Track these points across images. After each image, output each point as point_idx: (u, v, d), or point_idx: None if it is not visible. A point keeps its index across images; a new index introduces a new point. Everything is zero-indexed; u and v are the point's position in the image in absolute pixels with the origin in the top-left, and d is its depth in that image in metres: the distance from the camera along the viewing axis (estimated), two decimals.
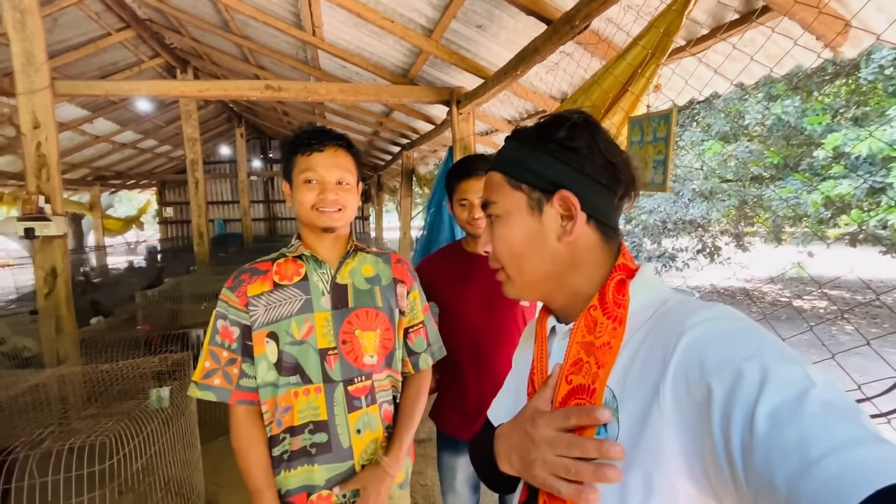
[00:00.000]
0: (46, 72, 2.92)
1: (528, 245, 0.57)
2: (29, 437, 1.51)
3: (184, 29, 5.17)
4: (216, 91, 3.47)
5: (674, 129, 1.42)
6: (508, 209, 0.58)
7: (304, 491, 1.01)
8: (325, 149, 1.01)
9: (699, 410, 0.41)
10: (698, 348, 0.43)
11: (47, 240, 2.90)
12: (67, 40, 4.54)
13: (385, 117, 5.44)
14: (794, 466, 0.33)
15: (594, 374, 0.51)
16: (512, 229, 0.58)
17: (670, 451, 0.43)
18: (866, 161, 5.39)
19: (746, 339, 0.42)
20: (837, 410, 0.35)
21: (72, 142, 6.80)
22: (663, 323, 0.49)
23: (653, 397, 0.45)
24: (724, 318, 0.45)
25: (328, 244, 1.07)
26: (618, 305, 0.52)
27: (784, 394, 0.36)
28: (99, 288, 6.25)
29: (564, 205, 0.55)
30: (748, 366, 0.39)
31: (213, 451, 2.71)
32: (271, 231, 12.38)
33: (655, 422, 0.44)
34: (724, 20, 1.73)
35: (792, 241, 7.55)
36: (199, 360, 1.03)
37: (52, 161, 2.92)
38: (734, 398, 0.38)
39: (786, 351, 0.40)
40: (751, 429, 0.36)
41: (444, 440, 1.46)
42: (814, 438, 0.33)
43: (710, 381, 0.40)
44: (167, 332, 3.23)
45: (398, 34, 2.92)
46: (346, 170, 1.03)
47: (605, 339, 0.51)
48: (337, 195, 1.01)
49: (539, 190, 0.56)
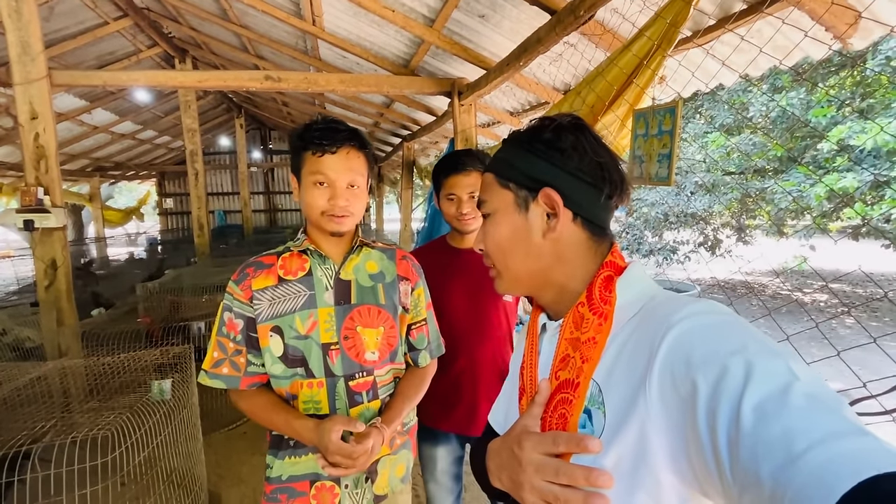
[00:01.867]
0: (43, 61, 2.88)
1: (513, 241, 0.59)
2: (31, 431, 1.52)
3: (182, 18, 5.11)
4: (215, 81, 3.43)
5: (679, 122, 1.40)
6: (497, 207, 0.61)
7: (308, 479, 1.03)
8: (338, 150, 0.97)
9: (684, 405, 0.41)
10: (684, 343, 0.43)
11: (47, 231, 2.89)
12: (64, 29, 4.48)
13: (386, 108, 5.39)
14: (779, 459, 0.33)
15: (579, 369, 0.52)
16: (500, 226, 0.60)
17: (655, 444, 0.44)
18: (871, 154, 5.35)
19: (731, 334, 0.43)
20: (821, 403, 0.35)
21: (71, 132, 6.75)
22: (650, 318, 0.49)
23: (638, 391, 0.45)
24: (709, 313, 0.46)
25: (333, 240, 1.07)
26: (604, 302, 0.53)
27: (768, 387, 0.37)
28: (100, 279, 6.25)
29: (549, 202, 0.57)
30: (733, 361, 0.39)
31: (215, 442, 2.73)
32: (272, 222, 12.37)
33: (641, 415, 0.45)
34: (731, 10, 1.69)
35: (794, 234, 7.53)
36: (208, 348, 1.05)
37: (51, 152, 2.90)
38: (719, 393, 0.38)
39: (770, 345, 0.41)
40: (737, 423, 0.36)
41: (423, 431, 1.48)
42: (798, 431, 0.33)
43: (695, 377, 0.40)
44: (168, 325, 3.23)
45: (399, 24, 2.88)
46: (357, 172, 1.01)
47: (591, 334, 0.52)
48: (347, 200, 0.99)
49: (525, 188, 0.58)
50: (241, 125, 9.53)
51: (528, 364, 0.62)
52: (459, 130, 3.19)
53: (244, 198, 9.69)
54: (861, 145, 4.96)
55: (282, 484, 1.03)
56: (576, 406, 0.51)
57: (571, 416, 0.51)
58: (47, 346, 2.91)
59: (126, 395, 2.21)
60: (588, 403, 0.50)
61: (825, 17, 1.41)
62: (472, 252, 1.43)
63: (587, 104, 1.80)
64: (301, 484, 1.02)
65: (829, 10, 1.31)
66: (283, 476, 1.03)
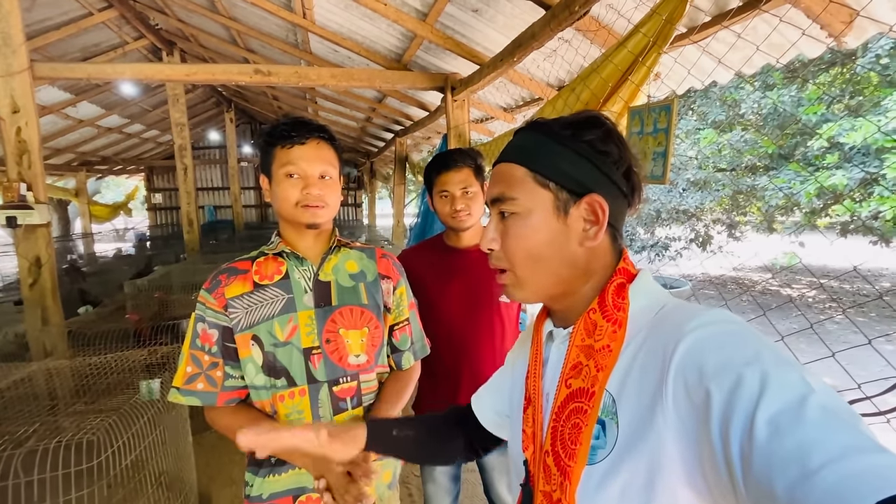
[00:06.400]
0: (25, 53, 2.80)
1: (549, 247, 0.55)
2: (13, 436, 1.48)
3: (169, 9, 5.00)
4: (203, 75, 3.36)
5: (675, 119, 1.39)
6: (531, 207, 0.55)
7: (291, 494, 0.98)
8: (307, 141, 0.96)
9: (698, 415, 0.40)
10: (697, 352, 0.43)
11: (30, 228, 2.82)
12: (47, 20, 4.36)
13: (378, 103, 5.34)
14: (794, 475, 0.32)
15: (594, 378, 0.50)
16: (534, 230, 0.55)
17: (671, 457, 0.43)
18: (860, 152, 5.41)
19: (745, 343, 0.42)
20: (837, 417, 0.35)
21: (55, 126, 6.60)
22: (662, 327, 0.48)
23: (654, 402, 0.44)
24: (722, 322, 0.45)
25: (310, 240, 1.02)
26: (617, 308, 0.52)
27: (784, 399, 0.36)
28: (87, 276, 6.14)
29: (591, 209, 0.54)
30: (747, 371, 0.38)
31: (205, 443, 2.70)
32: (262, 218, 12.24)
33: (658, 427, 0.43)
34: (727, 7, 1.68)
35: (783, 230, 7.61)
36: (179, 363, 0.99)
37: (34, 147, 2.82)
38: (733, 404, 0.37)
39: (784, 356, 0.40)
40: (750, 435, 0.35)
41: None
42: (814, 446, 0.33)
43: (708, 386, 0.40)
44: (157, 323, 3.17)
45: (391, 17, 2.84)
46: (328, 163, 0.98)
47: (605, 342, 0.51)
48: (321, 190, 0.96)
49: (567, 191, 0.54)
50: (231, 119, 9.38)
51: (533, 373, 0.60)
52: (452, 126, 3.16)
53: (234, 193, 9.57)
54: (851, 143, 5.01)
55: (262, 502, 0.98)
56: (590, 416, 0.49)
57: (586, 427, 0.49)
58: (32, 345, 2.85)
59: (114, 397, 2.16)
60: (601, 414, 0.49)
61: (821, 15, 1.40)
62: (470, 252, 1.41)
63: (581, 101, 1.78)
64: (284, 500, 0.98)
65: (826, 8, 1.31)
66: (264, 494, 0.98)
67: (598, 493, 0.47)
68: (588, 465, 0.48)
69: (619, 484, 0.45)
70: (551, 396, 0.55)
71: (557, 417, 0.53)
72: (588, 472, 0.48)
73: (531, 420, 0.58)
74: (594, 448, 0.48)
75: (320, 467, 0.82)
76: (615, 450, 0.47)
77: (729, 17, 1.54)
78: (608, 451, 0.47)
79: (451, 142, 3.15)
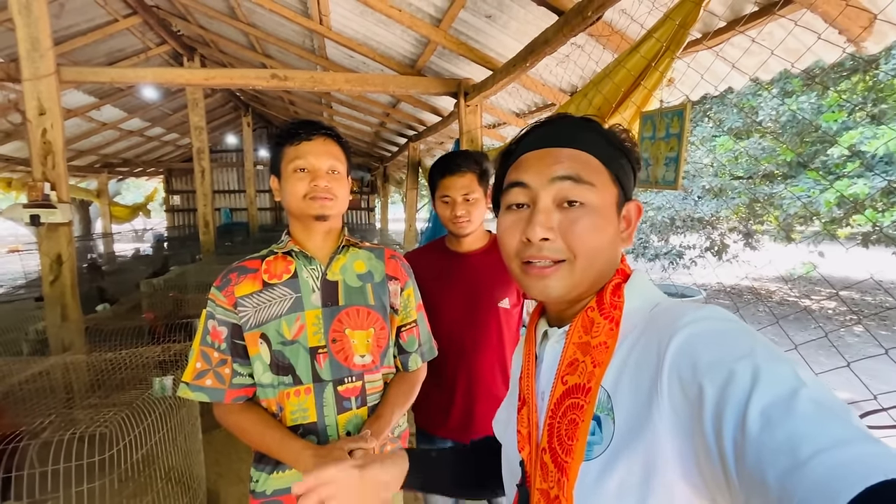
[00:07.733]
0: (52, 58, 2.90)
1: (611, 244, 0.56)
2: (30, 427, 1.51)
3: (191, 16, 5.13)
4: (222, 79, 3.44)
5: (687, 125, 1.38)
6: (606, 203, 0.55)
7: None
8: (314, 138, 0.99)
9: (692, 410, 0.41)
10: (690, 348, 0.43)
11: (53, 227, 2.91)
12: (74, 26, 4.51)
13: (392, 108, 5.39)
14: (785, 465, 0.33)
15: (590, 374, 0.50)
16: (606, 224, 0.54)
17: (668, 452, 0.43)
18: (882, 160, 5.27)
19: (738, 339, 0.42)
20: (828, 409, 0.35)
21: (79, 128, 6.80)
22: (655, 324, 0.49)
23: (650, 397, 0.45)
24: (715, 318, 0.45)
25: (319, 239, 1.03)
26: (614, 307, 0.53)
27: (775, 392, 0.36)
28: (106, 275, 6.29)
29: (631, 215, 0.58)
30: (740, 365, 0.39)
31: (214, 440, 2.73)
32: (277, 221, 12.40)
33: (654, 422, 0.44)
34: (742, 12, 1.67)
35: (802, 240, 7.44)
36: (189, 358, 1.00)
37: (58, 148, 2.91)
38: (726, 398, 0.38)
39: (776, 351, 0.41)
40: (742, 428, 0.36)
41: (422, 435, 1.46)
42: (804, 438, 0.33)
43: (702, 381, 0.40)
44: (171, 321, 3.23)
45: (406, 23, 2.87)
46: (336, 158, 1.00)
47: (602, 338, 0.51)
48: (329, 183, 0.98)
49: (622, 192, 0.58)
50: (248, 123, 9.56)
51: (527, 373, 0.61)
52: (465, 131, 3.18)
53: (250, 196, 9.71)
54: (873, 151, 4.89)
55: (267, 498, 0.99)
56: (587, 412, 0.49)
57: (582, 422, 0.49)
58: (51, 340, 2.93)
59: (127, 392, 2.21)
60: (597, 410, 0.49)
61: (838, 19, 1.38)
62: (471, 256, 1.41)
63: (594, 106, 1.78)
64: (287, 497, 0.99)
65: (842, 12, 1.29)
66: (269, 491, 0.99)
67: (595, 489, 0.47)
68: (585, 461, 0.48)
69: (616, 479, 0.45)
70: (547, 394, 0.55)
71: (554, 414, 0.53)
72: (585, 468, 0.48)
73: (526, 420, 0.58)
74: (590, 444, 0.48)
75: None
76: (611, 445, 0.47)
77: (743, 23, 1.53)
78: (604, 446, 0.47)
79: (464, 147, 3.16)
